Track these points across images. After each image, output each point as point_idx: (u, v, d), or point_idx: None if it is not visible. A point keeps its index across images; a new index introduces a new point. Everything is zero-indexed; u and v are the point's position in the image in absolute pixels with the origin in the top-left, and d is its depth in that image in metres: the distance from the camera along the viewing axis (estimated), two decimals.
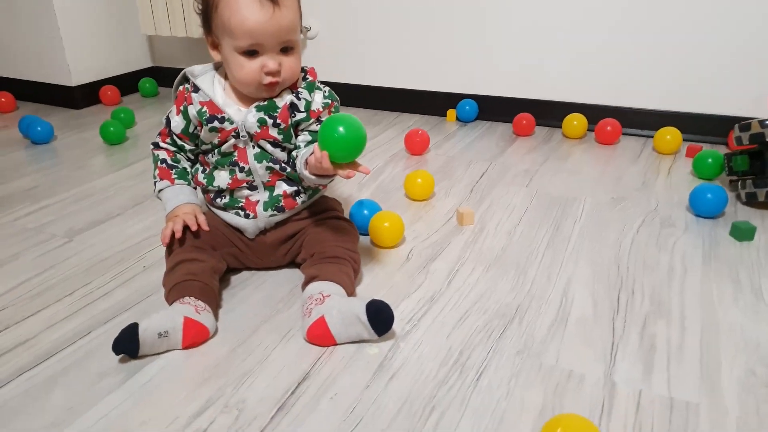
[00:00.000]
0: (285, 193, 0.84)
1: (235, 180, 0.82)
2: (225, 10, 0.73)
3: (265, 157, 0.81)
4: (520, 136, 1.53)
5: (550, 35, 1.51)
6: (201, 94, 0.81)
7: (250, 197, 0.84)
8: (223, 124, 0.80)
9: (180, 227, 0.80)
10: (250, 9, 0.72)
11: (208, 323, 0.73)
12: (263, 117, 0.79)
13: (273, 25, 0.73)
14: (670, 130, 1.37)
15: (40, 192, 1.22)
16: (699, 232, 1.00)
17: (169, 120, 0.84)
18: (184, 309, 0.72)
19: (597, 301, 0.81)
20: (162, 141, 0.86)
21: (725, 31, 1.35)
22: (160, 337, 0.69)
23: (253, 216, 0.84)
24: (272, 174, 0.83)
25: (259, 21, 0.72)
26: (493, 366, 0.68)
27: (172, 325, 0.70)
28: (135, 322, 0.69)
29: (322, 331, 0.71)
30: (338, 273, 0.78)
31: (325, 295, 0.73)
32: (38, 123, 1.50)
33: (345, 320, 0.70)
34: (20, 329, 0.77)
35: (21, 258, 0.95)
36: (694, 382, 0.65)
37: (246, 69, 0.76)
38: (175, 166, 0.86)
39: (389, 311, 0.71)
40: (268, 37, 0.74)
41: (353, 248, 0.84)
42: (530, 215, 1.07)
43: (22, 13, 1.78)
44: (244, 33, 0.73)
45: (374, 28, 1.70)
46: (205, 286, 0.77)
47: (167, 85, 2.05)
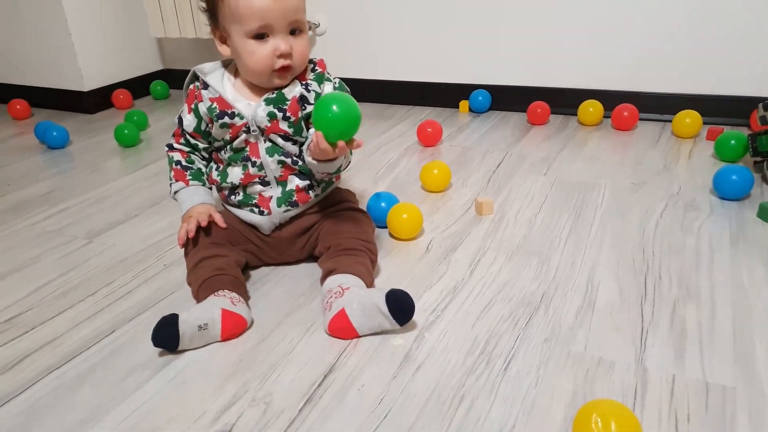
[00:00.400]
0: (297, 187, 0.83)
1: (248, 175, 0.82)
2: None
3: (276, 151, 0.81)
4: (534, 124, 1.51)
5: (561, 22, 1.49)
6: (210, 90, 0.81)
7: (263, 193, 0.83)
8: (233, 119, 0.79)
9: (193, 227, 0.80)
10: None
11: (245, 314, 0.73)
12: (273, 110, 0.79)
13: (281, 5, 0.74)
14: (690, 113, 1.34)
15: (58, 195, 1.22)
16: (725, 214, 0.97)
17: (181, 119, 0.84)
18: (220, 301, 0.72)
19: (623, 286, 0.79)
20: (176, 142, 0.86)
21: (742, 9, 1.31)
22: (200, 330, 0.69)
23: (267, 212, 0.84)
24: (284, 168, 0.82)
25: (267, 1, 0.73)
26: (521, 354, 0.67)
27: (210, 317, 0.70)
28: (174, 313, 0.68)
29: (344, 323, 0.70)
30: (355, 265, 0.77)
31: (344, 288, 0.73)
32: (53, 128, 1.52)
33: (365, 311, 0.69)
34: (46, 329, 0.77)
35: (43, 260, 0.96)
36: (728, 366, 0.64)
37: (257, 54, 0.76)
38: (189, 167, 0.86)
39: (409, 300, 0.70)
40: (277, 17, 0.74)
41: (369, 239, 0.83)
42: (550, 203, 1.06)
43: (34, 22, 1.80)
44: (252, 14, 0.73)
45: (383, 21, 1.69)
46: (235, 279, 0.77)
47: (178, 87, 2.05)
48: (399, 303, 0.69)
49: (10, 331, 0.77)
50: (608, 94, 1.49)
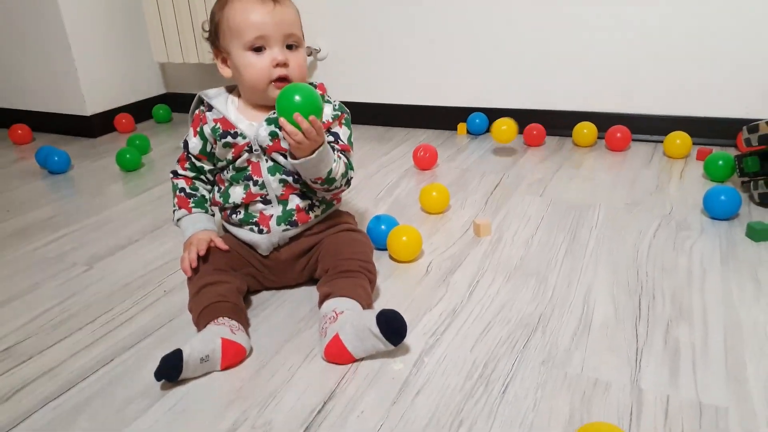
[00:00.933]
0: (298, 207, 0.85)
1: (249, 194, 0.84)
2: (230, 13, 0.80)
3: (278, 170, 0.83)
4: (531, 146, 1.53)
5: (555, 47, 1.53)
6: (214, 112, 0.84)
7: (264, 212, 0.85)
8: (235, 138, 0.82)
9: (194, 256, 0.81)
10: (253, 5, 0.79)
11: (245, 342, 0.74)
12: (274, 130, 0.81)
13: (276, 17, 0.79)
14: (680, 134, 1.37)
15: (59, 221, 1.24)
16: (715, 233, 0.99)
17: (186, 143, 0.87)
18: (220, 330, 0.73)
19: (618, 306, 0.80)
20: (181, 168, 0.88)
21: (728, 34, 1.35)
22: (201, 362, 0.70)
23: (266, 231, 0.85)
24: (285, 187, 0.84)
25: (262, 14, 0.78)
26: (518, 377, 0.68)
27: (212, 348, 0.70)
28: (178, 349, 0.69)
29: (339, 349, 0.71)
30: (352, 287, 0.78)
31: (338, 313, 0.74)
32: (55, 153, 1.53)
33: (359, 334, 0.70)
34: (44, 358, 0.77)
35: (42, 287, 0.97)
36: (721, 386, 0.65)
37: (256, 66, 0.80)
38: (193, 195, 0.88)
39: (400, 320, 0.70)
40: (272, 28, 0.79)
41: (368, 259, 0.84)
42: (546, 223, 1.07)
43: (36, 46, 1.83)
44: (248, 26, 0.78)
45: (382, 46, 1.73)
46: (235, 306, 0.78)
47: (181, 110, 2.09)
48: (390, 324, 0.69)
49: (7, 361, 0.77)
50: (602, 116, 1.52)
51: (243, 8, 0.79)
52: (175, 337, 0.80)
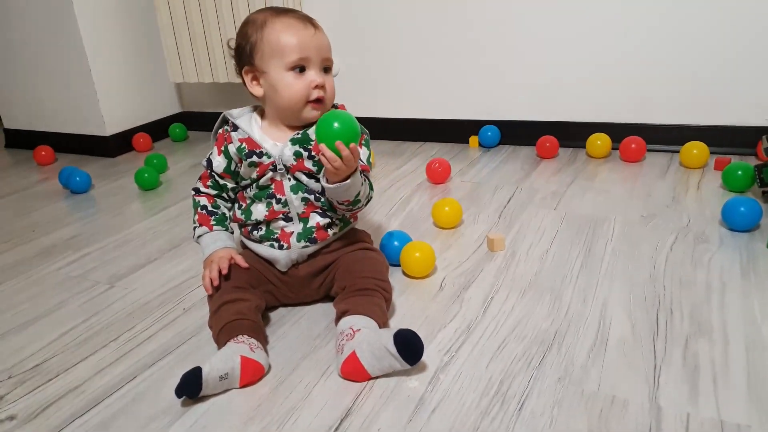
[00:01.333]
0: (318, 224, 0.86)
1: (272, 211, 0.86)
2: (272, 34, 0.82)
3: (300, 188, 0.85)
4: (544, 158, 1.53)
5: (568, 57, 1.53)
6: (240, 132, 0.86)
7: (285, 228, 0.87)
8: (261, 158, 0.84)
9: (216, 275, 0.83)
10: (297, 28, 0.82)
11: (263, 360, 0.75)
12: (299, 150, 0.84)
13: (317, 41, 0.83)
14: (697, 144, 1.36)
15: (81, 240, 1.27)
16: (735, 246, 0.98)
17: (210, 161, 0.89)
18: (239, 348, 0.74)
19: (635, 322, 0.80)
20: (203, 186, 0.90)
21: (745, 40, 1.34)
22: (221, 380, 0.71)
23: (286, 247, 0.86)
24: (307, 205, 0.86)
25: (305, 37, 0.82)
26: (534, 394, 0.68)
27: (231, 366, 0.71)
28: (198, 367, 0.70)
29: (355, 366, 0.72)
30: (368, 305, 0.79)
31: (355, 330, 0.74)
32: (77, 173, 1.58)
33: (375, 353, 0.71)
34: (70, 376, 0.80)
35: (67, 306, 0.99)
36: (743, 403, 0.64)
37: (295, 87, 0.82)
38: (214, 213, 0.90)
39: (417, 340, 0.71)
40: (314, 51, 0.82)
41: (383, 277, 0.85)
42: (561, 237, 1.07)
43: (59, 71, 1.89)
44: (293, 47, 0.81)
45: (393, 62, 1.75)
46: (254, 324, 0.79)
47: (196, 129, 2.14)
48: (408, 344, 0.70)
49: (35, 379, 0.79)
50: (616, 127, 1.52)
51: (286, 30, 0.81)
52: (196, 355, 0.81)
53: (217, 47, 1.86)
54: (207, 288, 0.83)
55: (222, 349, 0.75)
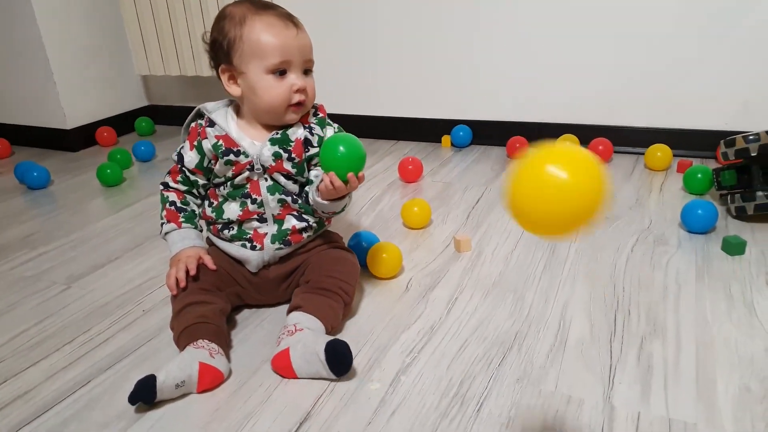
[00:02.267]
0: (294, 228, 0.85)
1: (246, 212, 0.84)
2: (252, 34, 0.78)
3: (277, 190, 0.84)
4: (514, 159, 1.55)
5: (539, 60, 1.54)
6: (216, 128, 0.83)
7: (259, 229, 0.85)
8: (238, 157, 0.82)
9: (183, 275, 0.81)
10: (278, 28, 0.78)
11: (222, 367, 0.74)
12: (278, 151, 0.82)
13: (299, 42, 0.79)
14: (661, 146, 1.39)
15: (38, 238, 1.23)
16: (692, 248, 1.01)
17: (182, 156, 0.85)
18: (198, 354, 0.72)
19: (594, 323, 0.81)
20: (173, 181, 0.87)
21: (709, 48, 1.38)
22: (177, 388, 0.69)
23: (259, 247, 0.85)
24: (283, 207, 0.84)
25: (287, 38, 0.78)
26: (493, 395, 0.69)
27: (188, 373, 0.70)
28: (152, 375, 0.68)
29: (285, 363, 0.72)
30: (322, 306, 0.79)
31: (297, 328, 0.75)
32: (34, 168, 1.52)
33: (306, 357, 0.71)
34: (19, 381, 0.77)
35: (19, 307, 0.96)
36: (690, 402, 0.66)
37: (276, 89, 0.79)
38: (183, 209, 0.87)
39: (345, 352, 0.70)
40: (296, 53, 0.79)
41: (348, 281, 0.84)
42: (526, 239, 1.08)
43: (14, 58, 1.81)
44: (274, 49, 0.78)
45: (367, 58, 1.74)
46: (216, 328, 0.78)
47: (163, 123, 2.09)
48: (336, 355, 0.70)
49: None
50: (584, 128, 1.54)
51: (267, 30, 0.77)
52: (154, 358, 0.80)
53: (184, 39, 1.82)
54: (172, 288, 0.81)
55: (180, 354, 0.73)
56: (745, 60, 1.35)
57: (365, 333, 0.82)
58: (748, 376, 0.69)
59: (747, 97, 1.37)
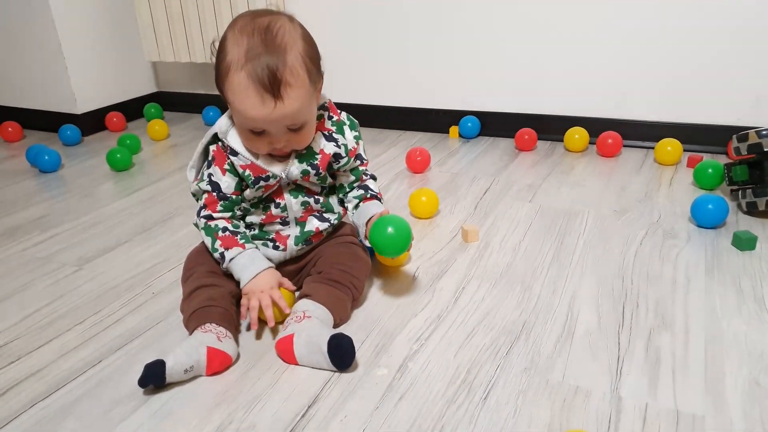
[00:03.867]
0: (317, 229, 0.86)
1: (269, 215, 0.84)
2: (230, 89, 0.72)
3: (300, 193, 0.84)
4: (522, 150, 1.54)
5: (549, 51, 1.53)
6: (240, 158, 0.79)
7: (281, 232, 0.85)
8: (268, 181, 0.81)
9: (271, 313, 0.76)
10: (252, 102, 0.71)
11: (231, 351, 0.74)
12: (306, 168, 0.81)
13: (276, 117, 0.72)
14: (671, 141, 1.38)
15: (49, 221, 1.24)
16: (701, 242, 1.00)
17: (216, 184, 0.80)
18: (206, 338, 0.72)
19: (602, 315, 0.81)
20: (214, 212, 0.81)
21: (721, 41, 1.36)
22: (186, 373, 0.70)
23: (282, 248, 0.85)
24: (306, 209, 0.85)
25: (260, 115, 0.72)
26: (500, 384, 0.69)
27: (196, 358, 0.70)
28: (161, 360, 0.68)
29: (287, 348, 0.73)
30: (332, 297, 0.79)
31: (306, 315, 0.75)
32: (45, 152, 1.53)
33: (309, 346, 0.71)
34: (32, 359, 0.78)
35: (31, 288, 0.97)
36: (699, 394, 0.66)
37: (255, 143, 0.77)
38: (238, 233, 0.81)
39: (348, 347, 0.70)
40: (273, 125, 0.74)
41: (359, 276, 0.84)
42: (534, 230, 1.08)
43: (26, 43, 1.82)
44: (246, 119, 0.73)
45: (376, 48, 1.73)
46: (225, 311, 0.78)
47: (172, 109, 2.09)
48: (338, 349, 0.70)
49: None
50: (594, 122, 1.53)
51: (241, 98, 0.71)
52: (164, 340, 0.80)
53: (194, 25, 1.82)
54: (254, 323, 0.77)
55: (188, 339, 0.74)
56: (758, 54, 1.34)
57: (373, 320, 0.83)
58: (758, 370, 0.69)
59: (759, 92, 1.36)
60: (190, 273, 0.83)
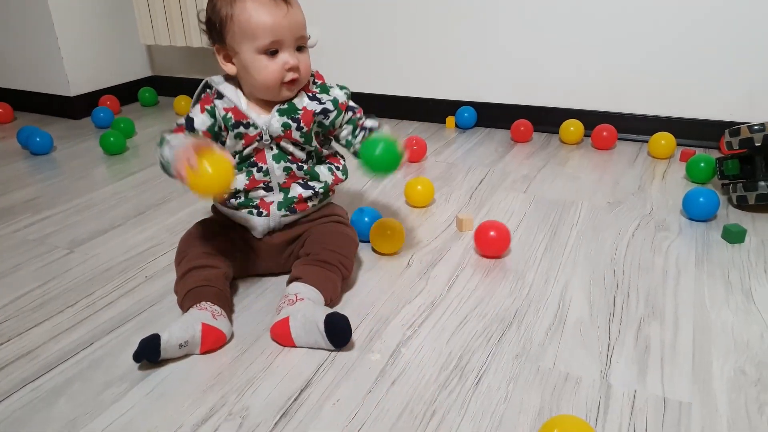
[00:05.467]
0: (300, 196, 0.86)
1: (253, 180, 0.84)
2: (242, 15, 0.77)
3: (283, 158, 0.84)
4: (518, 142, 1.54)
5: (546, 43, 1.53)
6: (225, 100, 0.82)
7: (265, 198, 0.86)
8: (248, 129, 0.82)
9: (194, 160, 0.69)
10: (268, 8, 0.77)
11: (225, 328, 0.75)
12: (287, 121, 0.82)
13: (290, 21, 0.78)
14: (665, 135, 1.39)
15: (41, 203, 1.23)
16: (692, 235, 1.01)
17: (191, 119, 0.82)
18: (201, 315, 0.73)
19: (593, 304, 0.82)
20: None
21: (715, 38, 1.37)
22: (180, 348, 0.71)
23: (266, 214, 0.86)
24: (288, 175, 0.85)
25: (277, 17, 0.77)
26: (492, 370, 0.70)
27: (192, 333, 0.71)
28: (156, 334, 0.69)
29: (283, 331, 0.73)
30: (322, 278, 0.80)
31: (298, 298, 0.76)
32: (37, 134, 1.51)
33: (306, 327, 0.72)
34: (23, 341, 0.78)
35: (22, 269, 0.96)
36: (686, 382, 0.67)
37: (269, 69, 0.79)
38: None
39: (345, 325, 0.71)
40: (287, 32, 0.78)
41: (348, 255, 0.85)
42: (528, 220, 1.09)
43: (19, 23, 1.79)
44: (265, 30, 0.77)
45: (374, 36, 1.72)
46: (219, 291, 0.78)
47: (167, 94, 2.07)
48: (335, 327, 0.71)
49: None
50: (589, 114, 1.53)
51: (257, 10, 0.77)
52: (156, 322, 0.80)
53: (191, 9, 1.79)
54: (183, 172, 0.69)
55: (183, 315, 0.74)
56: (751, 51, 1.34)
57: (367, 305, 0.83)
58: (744, 359, 0.70)
59: (752, 88, 1.37)
60: (183, 255, 0.83)
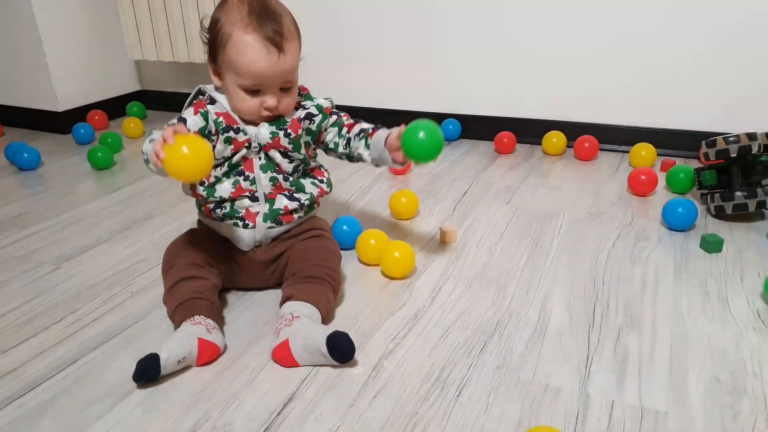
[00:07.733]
0: (286, 208, 0.87)
1: (239, 188, 0.85)
2: (233, 50, 0.78)
3: (270, 168, 0.86)
4: (501, 153, 1.57)
5: (528, 57, 1.56)
6: (217, 105, 0.84)
7: (251, 208, 0.86)
8: (237, 134, 0.83)
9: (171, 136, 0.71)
10: (258, 54, 0.77)
11: (219, 342, 0.76)
12: (275, 130, 0.84)
13: (277, 70, 0.79)
14: (645, 146, 1.41)
15: (27, 218, 1.23)
16: (671, 245, 1.03)
17: (184, 119, 0.81)
18: (196, 330, 0.74)
19: (573, 314, 0.84)
20: None
21: (694, 51, 1.40)
22: (179, 363, 0.72)
23: (252, 226, 0.86)
24: (275, 186, 0.86)
25: (264, 66, 0.78)
26: (473, 381, 0.71)
27: (189, 349, 0.72)
28: (155, 354, 0.70)
29: (285, 354, 0.73)
30: (314, 293, 0.80)
31: (294, 317, 0.76)
32: (24, 149, 1.51)
33: (307, 348, 0.72)
34: (8, 358, 0.78)
35: (8, 286, 0.96)
36: (663, 391, 0.68)
37: (247, 103, 0.81)
38: None
39: (349, 344, 0.72)
40: (271, 79, 0.80)
41: (334, 267, 0.86)
42: (511, 231, 1.10)
43: (6, 38, 1.80)
44: (249, 75, 0.79)
45: (358, 49, 1.75)
46: (211, 304, 0.79)
47: (155, 108, 2.08)
48: (338, 347, 0.71)
49: None
50: (571, 126, 1.56)
51: (247, 52, 0.77)
52: (142, 339, 0.81)
53: (178, 25, 1.81)
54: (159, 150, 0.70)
55: (178, 331, 0.75)
56: (727, 63, 1.38)
57: (350, 319, 0.84)
58: (719, 368, 0.72)
59: (728, 99, 1.40)
60: (170, 264, 0.83)
